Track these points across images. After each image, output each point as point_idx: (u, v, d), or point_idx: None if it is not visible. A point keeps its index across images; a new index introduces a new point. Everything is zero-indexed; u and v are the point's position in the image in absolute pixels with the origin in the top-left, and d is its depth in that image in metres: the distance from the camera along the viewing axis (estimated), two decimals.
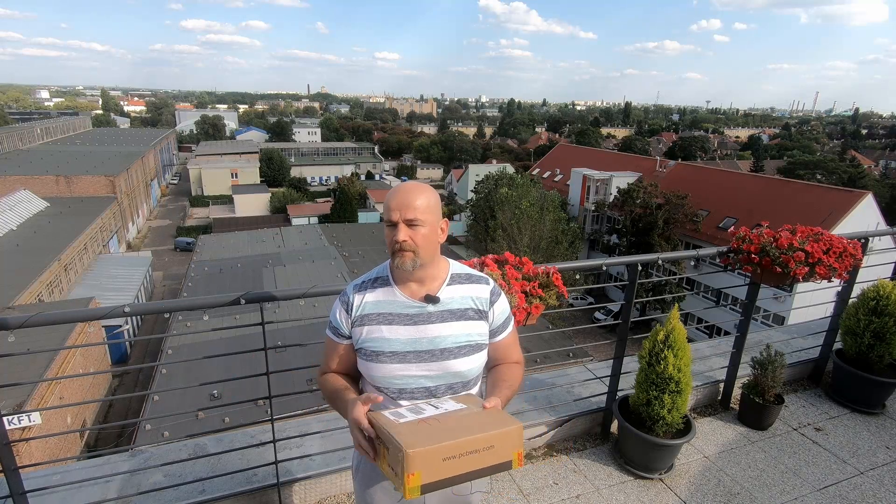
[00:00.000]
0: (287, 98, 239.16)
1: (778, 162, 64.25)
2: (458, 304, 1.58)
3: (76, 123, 73.13)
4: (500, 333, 1.66)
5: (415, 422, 1.35)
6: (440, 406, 1.46)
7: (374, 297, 1.58)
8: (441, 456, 1.23)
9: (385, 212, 1.50)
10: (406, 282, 1.57)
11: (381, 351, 1.53)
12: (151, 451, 2.76)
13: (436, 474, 1.23)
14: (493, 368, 1.69)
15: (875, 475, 3.06)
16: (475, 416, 1.39)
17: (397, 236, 1.46)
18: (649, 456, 2.94)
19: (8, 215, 29.72)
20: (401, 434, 1.26)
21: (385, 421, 1.34)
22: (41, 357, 14.59)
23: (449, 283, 1.59)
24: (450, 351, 1.54)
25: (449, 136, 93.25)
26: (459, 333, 1.55)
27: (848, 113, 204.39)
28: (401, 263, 1.49)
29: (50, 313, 2.03)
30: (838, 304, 3.93)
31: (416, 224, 1.47)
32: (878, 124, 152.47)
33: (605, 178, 36.61)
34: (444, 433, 1.29)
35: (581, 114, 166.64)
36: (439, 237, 1.54)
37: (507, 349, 1.69)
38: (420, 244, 1.48)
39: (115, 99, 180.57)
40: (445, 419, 1.37)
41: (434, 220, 1.51)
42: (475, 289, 1.62)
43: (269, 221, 45.26)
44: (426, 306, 1.55)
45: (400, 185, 1.51)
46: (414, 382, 1.54)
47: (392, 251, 1.50)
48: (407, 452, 1.19)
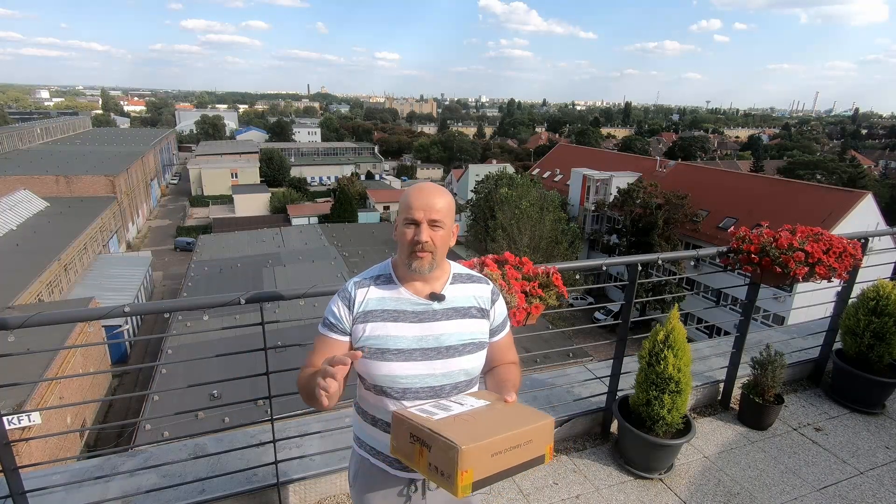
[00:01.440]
0: (287, 98, 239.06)
1: (778, 162, 64.24)
2: (462, 303, 1.57)
3: (76, 123, 73.04)
4: (499, 333, 1.67)
5: (451, 419, 1.30)
6: (465, 403, 1.42)
7: (379, 294, 1.54)
8: (490, 452, 1.20)
9: (406, 210, 1.47)
10: (411, 280, 1.55)
11: (387, 348, 1.49)
12: (151, 451, 2.76)
13: (486, 471, 1.19)
14: (494, 369, 1.68)
15: (875, 475, 3.06)
16: (507, 412, 1.36)
17: (421, 236, 1.45)
18: (649, 456, 2.94)
19: (8, 215, 29.70)
20: (447, 431, 1.20)
21: (420, 419, 1.28)
22: (41, 357, 14.59)
23: (452, 282, 1.59)
24: (455, 348, 1.53)
25: (449, 136, 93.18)
26: (464, 331, 1.55)
27: (848, 113, 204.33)
28: (419, 266, 1.48)
29: (50, 313, 2.03)
30: (838, 304, 3.93)
31: (438, 226, 1.47)
32: (878, 124, 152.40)
33: (605, 178, 36.59)
34: (487, 429, 1.25)
35: (581, 114, 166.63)
36: (451, 240, 1.54)
37: (504, 349, 1.70)
38: (439, 246, 1.48)
39: (115, 99, 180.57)
40: (479, 415, 1.33)
41: (451, 223, 1.51)
42: (477, 288, 1.62)
43: (269, 221, 45.25)
44: (431, 304, 1.54)
45: (422, 185, 1.50)
46: (419, 381, 1.51)
47: (411, 251, 1.47)
48: (461, 449, 1.14)
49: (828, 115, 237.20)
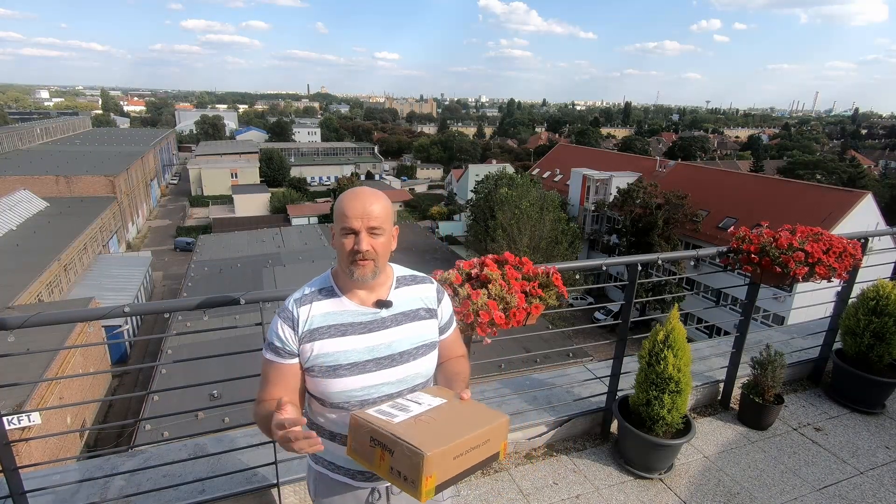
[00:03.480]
0: (287, 98, 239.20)
1: (778, 162, 64.24)
2: (409, 306, 1.55)
3: (76, 123, 73.09)
4: (447, 329, 1.67)
5: (410, 421, 1.29)
6: (422, 401, 1.40)
7: (322, 310, 1.48)
8: (452, 455, 1.21)
9: (341, 219, 1.42)
10: (353, 290, 1.50)
11: (339, 364, 1.45)
12: (151, 451, 2.76)
13: (447, 473, 1.20)
14: (443, 364, 1.66)
15: (875, 475, 3.06)
16: (463, 411, 1.37)
17: (360, 245, 1.40)
18: (649, 456, 2.94)
19: (8, 215, 29.71)
20: (407, 436, 1.20)
21: (379, 422, 1.26)
22: (41, 357, 14.59)
23: (396, 286, 1.56)
24: (409, 353, 1.51)
25: (449, 136, 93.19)
26: (415, 335, 1.54)
27: (848, 113, 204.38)
28: (361, 275, 1.43)
29: (50, 313, 2.03)
30: (838, 304, 3.93)
31: (376, 232, 1.42)
32: (877, 124, 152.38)
33: (605, 178, 36.60)
34: (447, 431, 1.25)
35: (581, 114, 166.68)
36: (392, 244, 1.50)
37: (453, 344, 1.70)
38: (380, 252, 1.44)
39: (114, 99, 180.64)
40: (438, 416, 1.33)
41: (390, 227, 1.47)
42: (422, 289, 1.60)
43: (268, 221, 45.26)
44: (379, 312, 1.50)
45: (356, 191, 1.44)
46: (376, 392, 1.48)
47: (351, 261, 1.42)
48: (426, 455, 1.14)
49: (828, 115, 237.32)
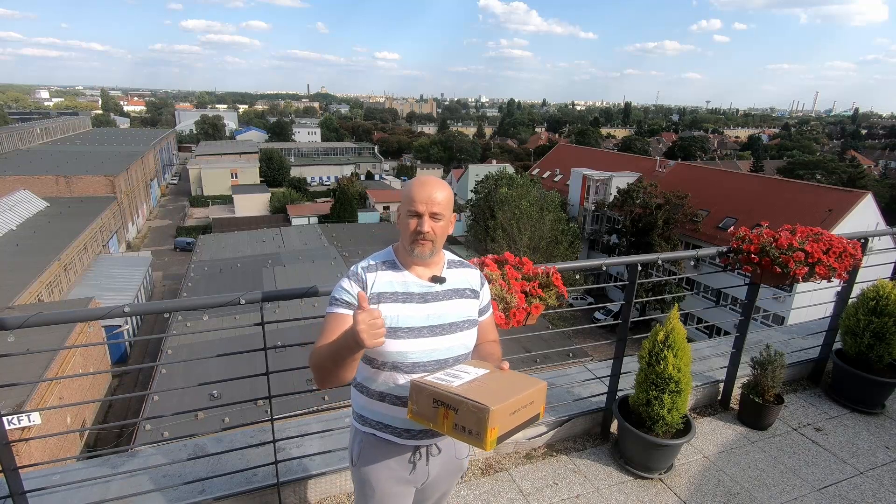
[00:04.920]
0: (287, 98, 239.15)
1: (778, 162, 64.22)
2: (458, 285, 1.75)
3: (76, 123, 73.03)
4: (486, 312, 1.88)
5: (467, 385, 1.45)
6: (469, 371, 1.57)
7: (387, 278, 1.67)
8: (509, 411, 1.38)
9: (408, 203, 1.61)
10: (412, 265, 1.70)
11: (399, 327, 1.62)
12: (151, 451, 2.76)
13: (505, 426, 1.38)
14: (479, 346, 1.84)
15: (875, 475, 3.06)
16: (507, 378, 1.54)
17: (423, 227, 1.59)
18: (649, 456, 2.94)
19: (8, 215, 29.71)
20: (471, 395, 1.37)
21: (441, 386, 1.43)
22: (41, 357, 14.58)
23: (448, 267, 1.76)
24: (457, 325, 1.70)
25: (449, 136, 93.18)
26: (462, 310, 1.73)
27: (848, 113, 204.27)
28: (420, 252, 1.63)
29: (50, 313, 2.03)
30: (838, 304, 3.93)
31: (438, 217, 1.61)
32: (877, 124, 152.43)
33: (605, 178, 36.60)
34: (501, 392, 1.42)
35: (581, 114, 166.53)
36: (449, 229, 1.69)
37: (489, 328, 1.90)
38: (439, 235, 1.63)
39: (114, 99, 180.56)
40: (487, 381, 1.50)
41: (450, 214, 1.66)
42: (469, 273, 1.82)
43: (268, 221, 45.26)
44: (433, 286, 1.69)
45: (424, 179, 1.64)
46: (427, 356, 1.66)
47: (413, 240, 1.62)
48: (491, 409, 1.31)
49: (828, 115, 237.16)
